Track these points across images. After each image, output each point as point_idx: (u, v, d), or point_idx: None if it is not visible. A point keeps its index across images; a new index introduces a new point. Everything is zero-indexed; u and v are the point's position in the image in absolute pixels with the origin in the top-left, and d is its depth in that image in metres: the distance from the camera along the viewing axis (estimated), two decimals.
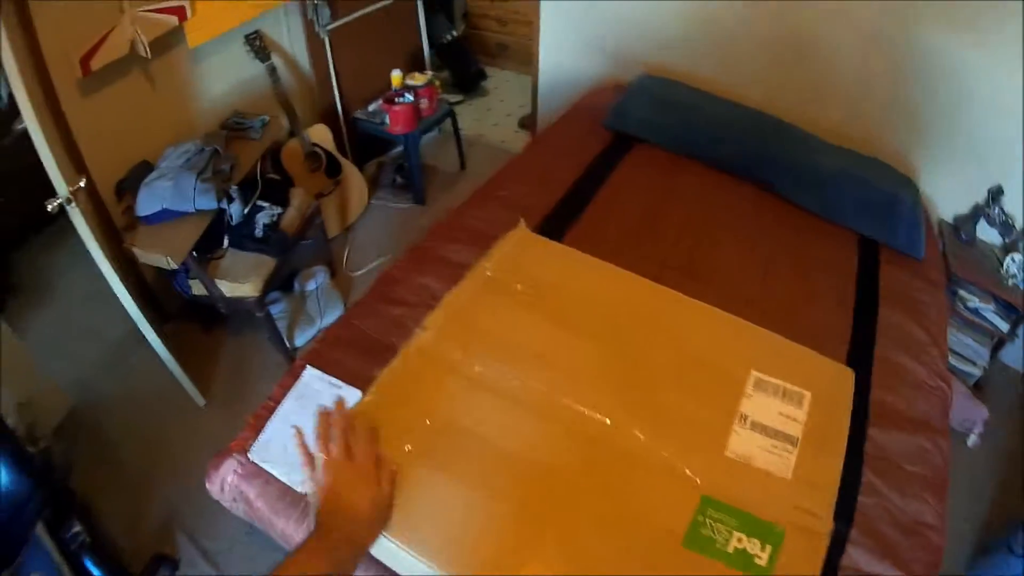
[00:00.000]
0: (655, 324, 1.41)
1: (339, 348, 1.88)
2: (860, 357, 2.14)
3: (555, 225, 2.42)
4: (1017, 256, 3.09)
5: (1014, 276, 3.09)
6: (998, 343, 3.30)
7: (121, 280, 2.38)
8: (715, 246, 2.52)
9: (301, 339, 3.14)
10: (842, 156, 3.07)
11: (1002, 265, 3.13)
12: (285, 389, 1.73)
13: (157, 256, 2.47)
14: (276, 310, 3.14)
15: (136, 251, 2.49)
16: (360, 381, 1.56)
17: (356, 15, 3.74)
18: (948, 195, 3.32)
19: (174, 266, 2.49)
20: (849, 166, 2.95)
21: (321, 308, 3.22)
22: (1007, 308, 3.15)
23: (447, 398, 1.22)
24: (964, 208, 3.32)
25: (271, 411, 1.67)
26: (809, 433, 1.29)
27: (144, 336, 2.61)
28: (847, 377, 1.45)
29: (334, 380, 1.66)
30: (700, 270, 2.37)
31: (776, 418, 1.29)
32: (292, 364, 1.93)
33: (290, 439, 1.16)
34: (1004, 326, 3.18)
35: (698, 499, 1.13)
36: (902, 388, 2.09)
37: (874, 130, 3.31)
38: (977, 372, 3.32)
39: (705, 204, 2.76)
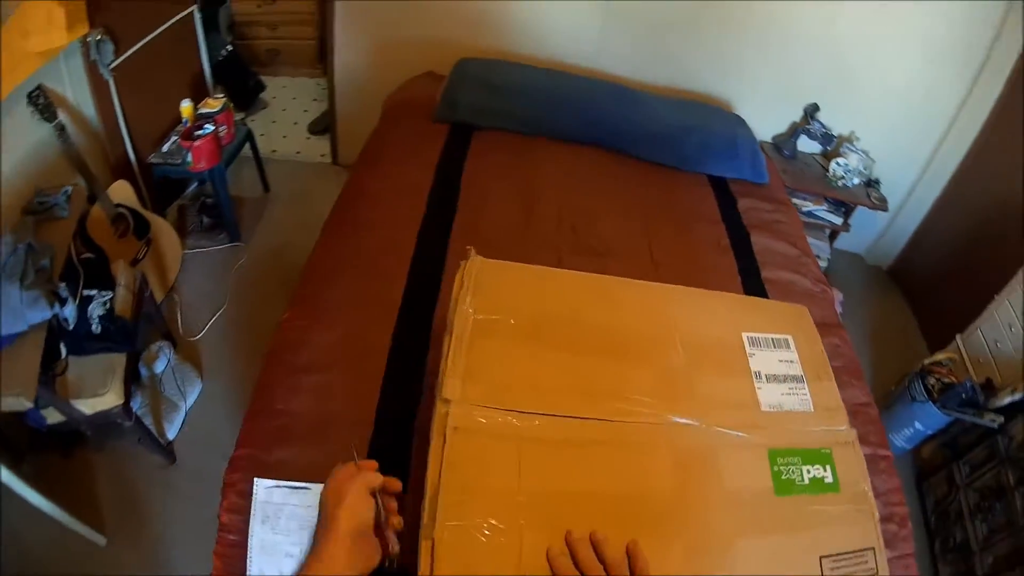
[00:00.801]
0: (647, 322, 1.45)
1: (274, 445, 1.64)
2: (754, 287, 2.38)
3: (434, 236, 2.30)
4: (841, 160, 3.53)
5: (842, 177, 3.53)
6: (833, 235, 3.80)
7: None
8: (596, 219, 2.55)
9: (172, 430, 2.76)
10: (678, 108, 3.27)
11: (828, 170, 3.57)
12: (236, 513, 1.53)
13: (7, 400, 1.99)
14: (136, 406, 2.66)
15: None
16: (322, 472, 1.19)
17: (139, 46, 3.27)
18: (764, 120, 3.69)
19: (28, 406, 2.02)
20: (689, 117, 3.18)
21: (180, 388, 2.85)
22: (837, 204, 3.63)
23: (526, 469, 1.11)
24: (780, 128, 3.73)
25: (236, 544, 1.49)
26: (807, 369, 1.45)
27: (9, 489, 2.11)
28: (804, 313, 1.61)
29: (295, 484, 1.40)
30: (596, 246, 2.41)
31: (779, 366, 1.42)
32: (225, 480, 1.61)
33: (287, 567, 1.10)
34: (838, 220, 3.67)
35: (766, 454, 1.25)
36: (798, 300, 2.29)
37: (700, 76, 3.62)
38: (823, 264, 3.76)
39: (568, 179, 2.77)
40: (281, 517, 1.32)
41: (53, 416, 2.28)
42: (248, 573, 1.32)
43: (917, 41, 3.33)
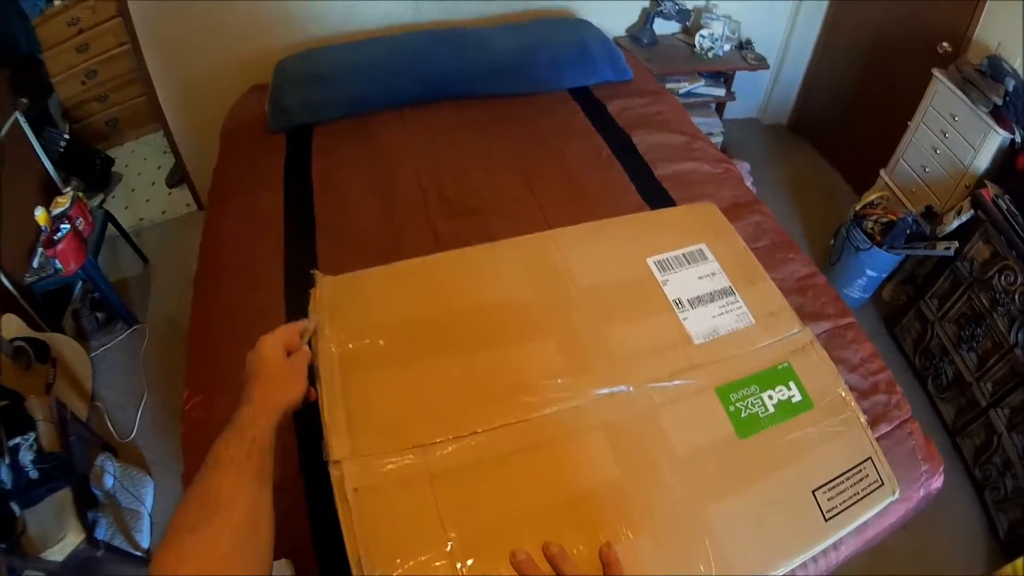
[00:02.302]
0: (534, 283, 1.27)
1: None
2: (651, 189, 2.25)
3: (300, 259, 2.15)
4: (704, 32, 3.38)
5: (711, 48, 3.39)
6: (720, 107, 3.67)
7: None
8: (462, 175, 2.44)
9: (144, 538, 2.70)
10: (515, 32, 3.10)
11: (694, 46, 3.42)
12: None
13: None
14: (102, 533, 2.65)
15: None
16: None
17: None
18: (613, 17, 3.54)
19: None
20: (528, 37, 3.03)
21: (135, 494, 2.82)
22: (713, 76, 3.50)
23: (447, 508, 0.98)
24: (630, 20, 3.57)
25: None
26: (733, 276, 1.31)
27: None
28: (712, 210, 1.47)
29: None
30: (472, 205, 2.28)
31: (700, 283, 1.28)
32: None
33: None
34: (720, 91, 3.53)
35: (715, 395, 1.12)
36: (702, 189, 2.25)
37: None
38: (719, 139, 3.66)
39: (421, 145, 2.64)
40: None
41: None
42: None
43: None
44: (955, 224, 2.55)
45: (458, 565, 0.91)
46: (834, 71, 3.72)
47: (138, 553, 2.61)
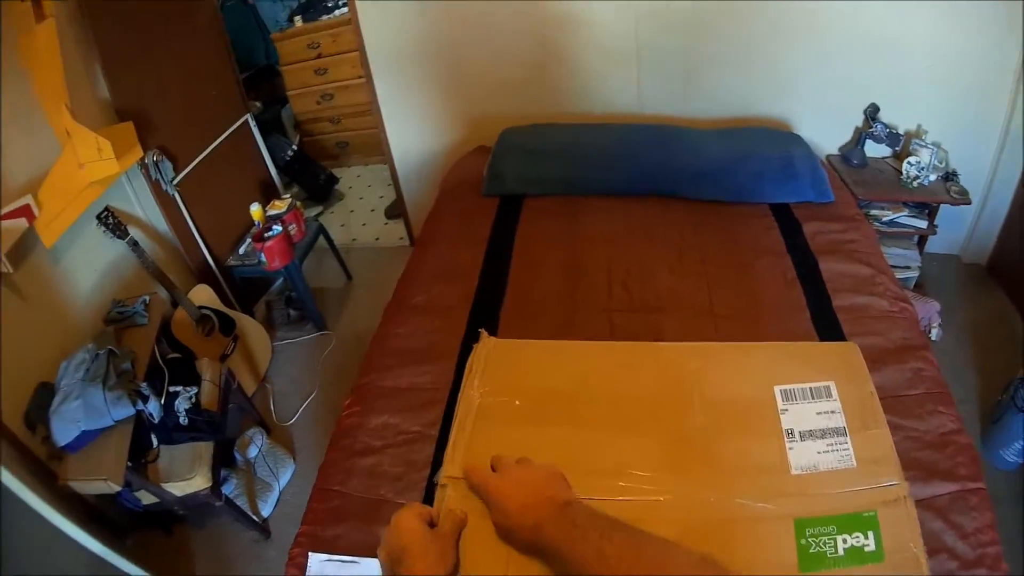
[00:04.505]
0: (664, 385, 1.38)
1: (331, 522, 1.82)
2: (825, 318, 2.31)
3: (485, 317, 2.38)
4: (912, 159, 3.39)
5: (916, 177, 3.39)
6: (921, 240, 3.64)
7: (68, 519, 2.33)
8: (649, 272, 2.56)
9: (267, 508, 3.04)
10: (727, 138, 3.23)
11: (901, 173, 3.43)
12: None
13: (96, 484, 2.38)
14: (229, 489, 3.01)
15: (72, 485, 2.39)
16: (369, 549, 1.51)
17: (198, 160, 3.61)
18: (827, 133, 3.63)
19: (116, 489, 2.39)
20: (738, 145, 3.15)
21: (273, 470, 3.15)
22: (918, 207, 3.49)
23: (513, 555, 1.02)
24: (844, 138, 3.63)
25: None
26: (850, 417, 1.35)
27: (116, 570, 2.52)
28: (853, 350, 1.51)
29: (345, 558, 1.62)
30: (649, 302, 2.42)
31: (816, 419, 1.32)
32: (289, 555, 1.80)
33: None
34: (922, 223, 3.51)
35: (792, 525, 1.15)
36: (874, 326, 2.29)
37: (749, 101, 3.58)
38: (914, 274, 3.62)
39: (619, 234, 2.80)
40: None
41: (148, 498, 2.67)
42: None
43: (953, 10, 3.19)
44: None
45: None
46: None
47: (255, 517, 2.95)
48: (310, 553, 1.67)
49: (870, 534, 1.17)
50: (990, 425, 2.90)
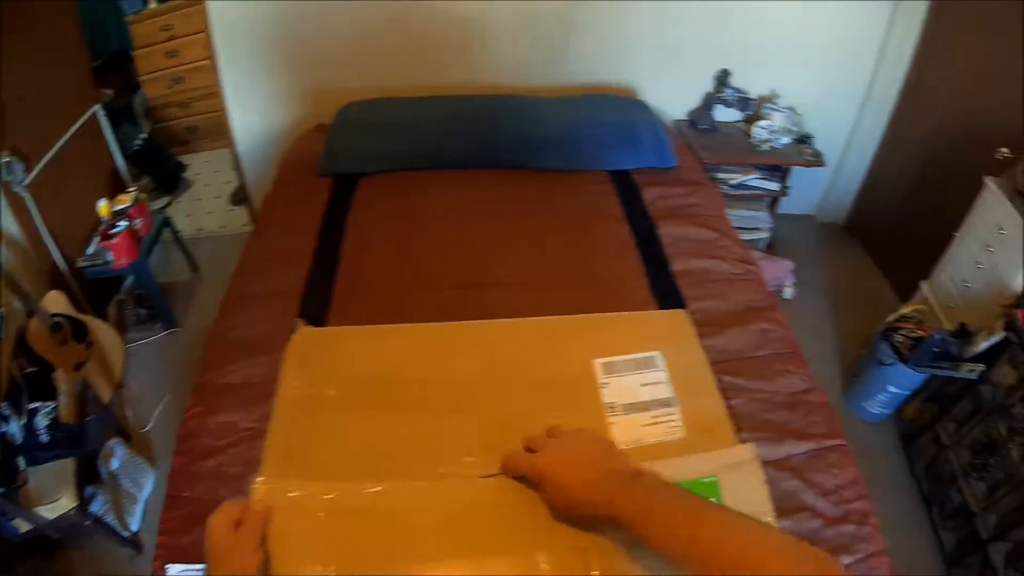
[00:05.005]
0: (484, 365, 1.37)
1: (184, 531, 1.70)
2: (663, 284, 2.27)
3: (317, 300, 2.27)
4: (763, 123, 3.42)
5: (767, 140, 3.42)
6: (773, 202, 3.67)
7: None
8: (483, 246, 2.51)
9: (135, 522, 2.91)
10: (569, 106, 3.18)
11: (750, 136, 3.45)
12: None
13: None
14: (98, 506, 2.79)
15: None
16: None
17: (49, 156, 3.38)
18: (676, 99, 3.62)
19: None
20: (579, 113, 3.11)
21: (136, 480, 3.01)
22: (770, 170, 3.51)
23: (331, 540, 1.08)
24: (696, 103, 3.62)
25: None
26: (677, 386, 1.33)
27: None
28: (680, 318, 1.52)
29: (200, 567, 1.51)
30: (481, 277, 2.35)
31: (641, 391, 1.31)
32: (152, 568, 1.69)
33: None
34: (774, 185, 3.53)
35: None
36: (716, 289, 2.27)
37: (597, 69, 3.52)
38: (765, 235, 3.66)
39: (455, 209, 2.73)
40: None
41: (24, 525, 2.53)
42: None
43: None
44: (984, 345, 2.49)
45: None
46: (895, 172, 3.68)
47: (124, 533, 2.80)
48: (167, 565, 1.57)
49: (713, 501, 1.09)
50: (852, 380, 2.95)
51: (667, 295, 2.19)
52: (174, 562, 1.56)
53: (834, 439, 1.85)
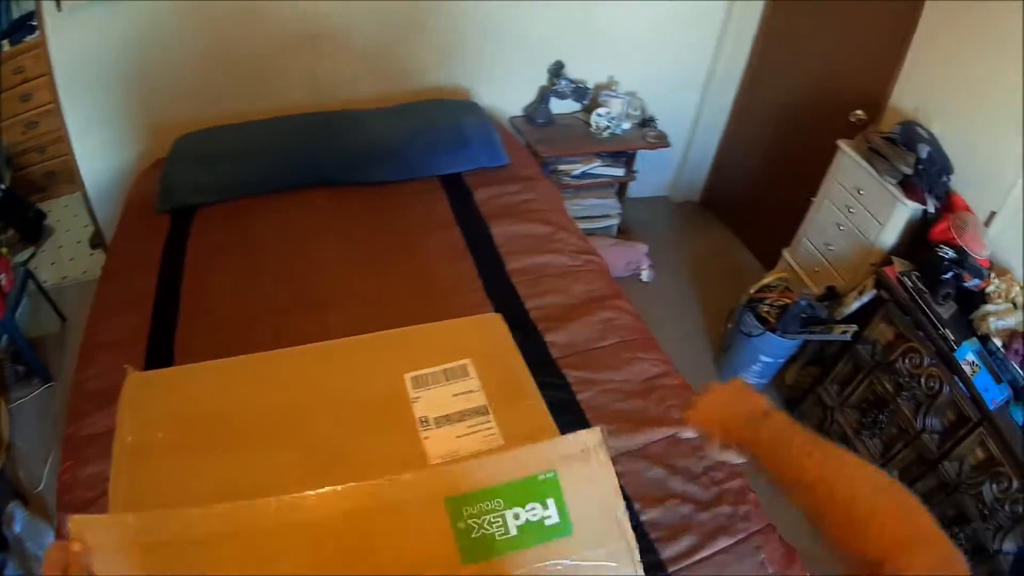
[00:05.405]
0: (297, 392, 1.30)
1: None
2: (499, 286, 2.24)
3: (160, 341, 2.25)
4: (601, 110, 3.36)
5: (607, 127, 3.37)
6: (622, 187, 3.62)
7: None
8: (317, 267, 2.45)
9: None
10: (400, 115, 3.10)
11: (591, 125, 3.39)
12: None
13: None
14: (12, 572, 2.85)
15: None
16: None
17: None
18: (513, 96, 3.54)
19: None
20: (409, 122, 3.03)
21: (39, 542, 2.91)
22: (615, 156, 3.46)
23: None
24: (530, 98, 3.53)
25: None
26: (492, 393, 1.24)
27: None
28: (495, 321, 1.43)
29: None
30: (317, 299, 2.30)
31: (453, 401, 1.23)
32: None
33: None
34: (619, 171, 3.48)
35: (442, 506, 0.98)
36: (554, 284, 2.24)
37: (429, 74, 3.42)
38: (615, 221, 3.61)
39: (289, 232, 2.66)
40: None
41: None
42: None
43: None
44: (855, 305, 2.51)
45: None
46: (747, 143, 3.71)
47: None
48: None
49: (550, 503, 0.99)
50: (722, 354, 2.91)
51: (503, 296, 2.17)
52: None
53: None
